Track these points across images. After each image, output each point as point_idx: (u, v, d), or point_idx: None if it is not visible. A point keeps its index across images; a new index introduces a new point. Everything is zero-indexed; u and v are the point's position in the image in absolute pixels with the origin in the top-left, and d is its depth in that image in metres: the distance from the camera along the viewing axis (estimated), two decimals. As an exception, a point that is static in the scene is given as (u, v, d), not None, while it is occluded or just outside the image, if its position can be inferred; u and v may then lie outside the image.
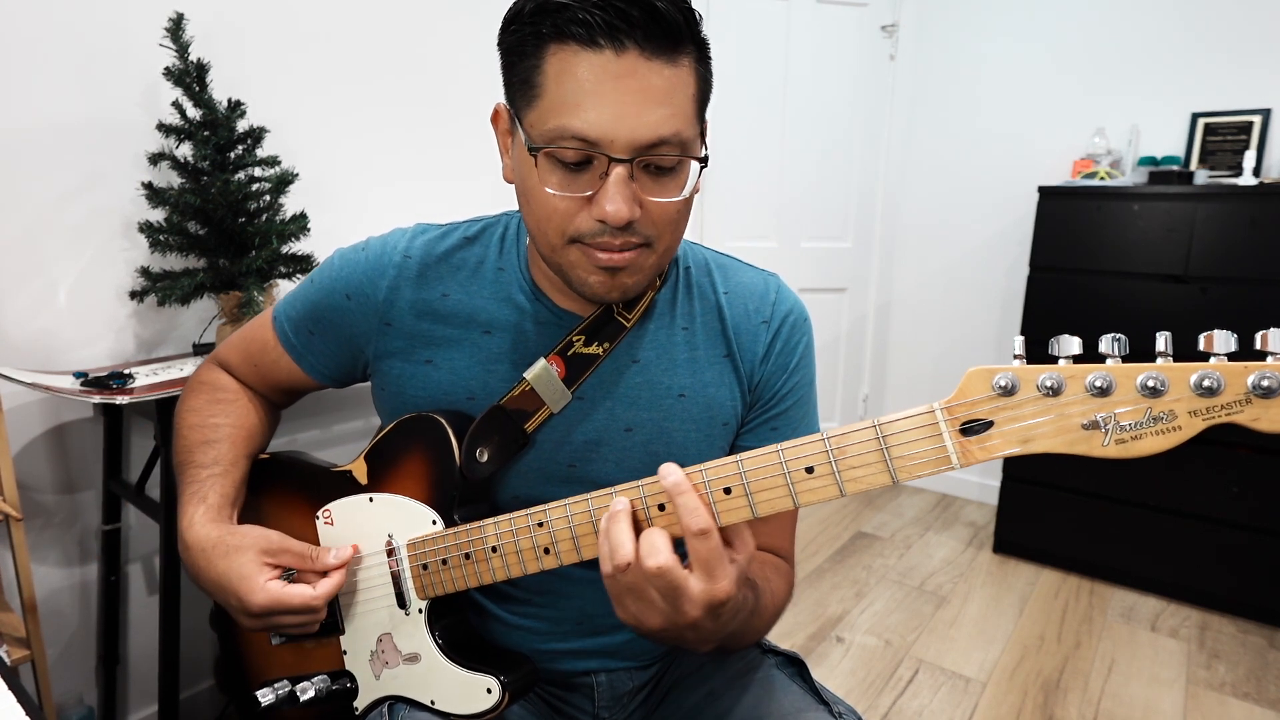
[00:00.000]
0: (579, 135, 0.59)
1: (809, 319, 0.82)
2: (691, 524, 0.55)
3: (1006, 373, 0.49)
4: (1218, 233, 1.97)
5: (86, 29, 1.29)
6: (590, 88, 0.58)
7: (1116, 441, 0.47)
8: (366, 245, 0.79)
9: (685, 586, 0.55)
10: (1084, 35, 2.43)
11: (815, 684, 0.76)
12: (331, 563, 0.73)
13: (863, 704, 1.71)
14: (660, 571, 0.54)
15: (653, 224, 0.64)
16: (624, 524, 0.57)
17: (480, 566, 0.69)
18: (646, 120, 0.59)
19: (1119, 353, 0.47)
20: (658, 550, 0.55)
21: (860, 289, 2.97)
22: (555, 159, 0.61)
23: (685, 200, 0.65)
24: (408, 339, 0.76)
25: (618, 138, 0.59)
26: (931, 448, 0.52)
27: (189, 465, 0.80)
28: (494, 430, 0.72)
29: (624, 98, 0.58)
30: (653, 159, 0.61)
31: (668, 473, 0.57)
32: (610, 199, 0.60)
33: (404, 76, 1.79)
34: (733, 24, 2.56)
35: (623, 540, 0.57)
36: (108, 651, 1.42)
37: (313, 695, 0.75)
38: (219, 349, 0.89)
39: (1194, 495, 2.08)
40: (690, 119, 0.62)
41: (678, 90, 0.61)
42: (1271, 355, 0.44)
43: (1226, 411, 0.44)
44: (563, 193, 0.62)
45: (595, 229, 0.63)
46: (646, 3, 0.57)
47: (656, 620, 0.57)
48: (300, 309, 0.80)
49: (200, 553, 0.73)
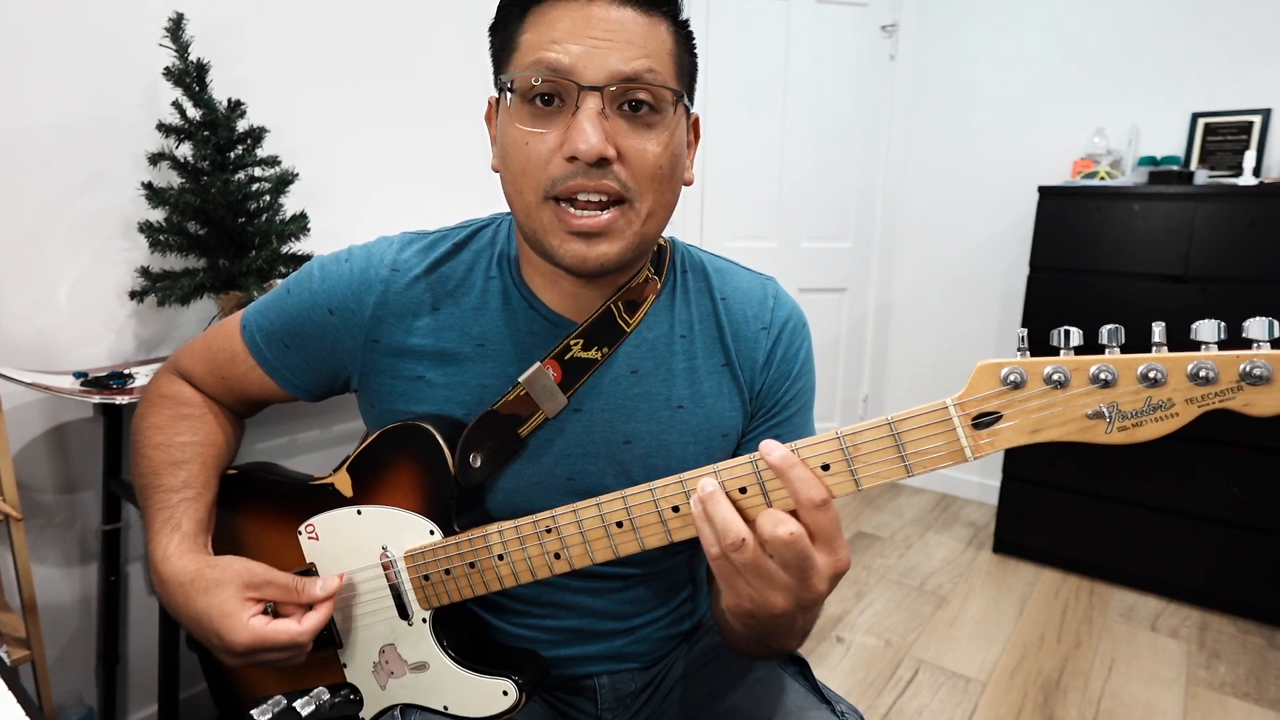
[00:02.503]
0: (550, 66, 0.60)
1: (807, 323, 0.81)
2: (813, 495, 0.53)
3: (1015, 367, 0.51)
4: (1218, 233, 1.97)
5: (86, 29, 1.29)
6: (564, 27, 0.60)
7: (1119, 429, 0.49)
8: (350, 256, 0.75)
9: (814, 557, 0.53)
10: (1084, 35, 2.43)
11: (817, 683, 0.76)
12: (319, 595, 0.70)
13: (863, 704, 1.71)
14: (793, 539, 0.52)
15: (631, 175, 0.62)
16: (724, 502, 0.55)
17: (487, 575, 0.68)
18: (620, 54, 0.60)
19: (1116, 343, 0.49)
20: (785, 520, 0.53)
21: (860, 289, 2.97)
22: (527, 97, 0.62)
23: (669, 155, 0.64)
24: (397, 355, 0.73)
25: (589, 66, 0.60)
26: (945, 442, 0.53)
27: (156, 489, 0.75)
28: (487, 435, 0.70)
29: (595, 32, 0.60)
30: (628, 92, 0.61)
31: (771, 449, 0.54)
32: (580, 131, 0.59)
33: (404, 76, 1.79)
34: (733, 24, 2.56)
35: (730, 518, 0.54)
36: (108, 651, 1.42)
37: (313, 710, 0.74)
38: (178, 358, 0.83)
39: (1194, 495, 2.08)
40: (669, 71, 0.63)
41: (652, 38, 0.62)
42: (1256, 343, 0.46)
43: (1220, 398, 0.47)
44: (534, 127, 0.62)
45: (569, 172, 0.61)
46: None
47: (781, 599, 0.55)
48: (275, 320, 0.76)
49: (178, 588, 0.69)
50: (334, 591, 0.71)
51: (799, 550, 0.52)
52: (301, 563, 0.77)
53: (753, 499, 0.57)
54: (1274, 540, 1.98)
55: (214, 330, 0.81)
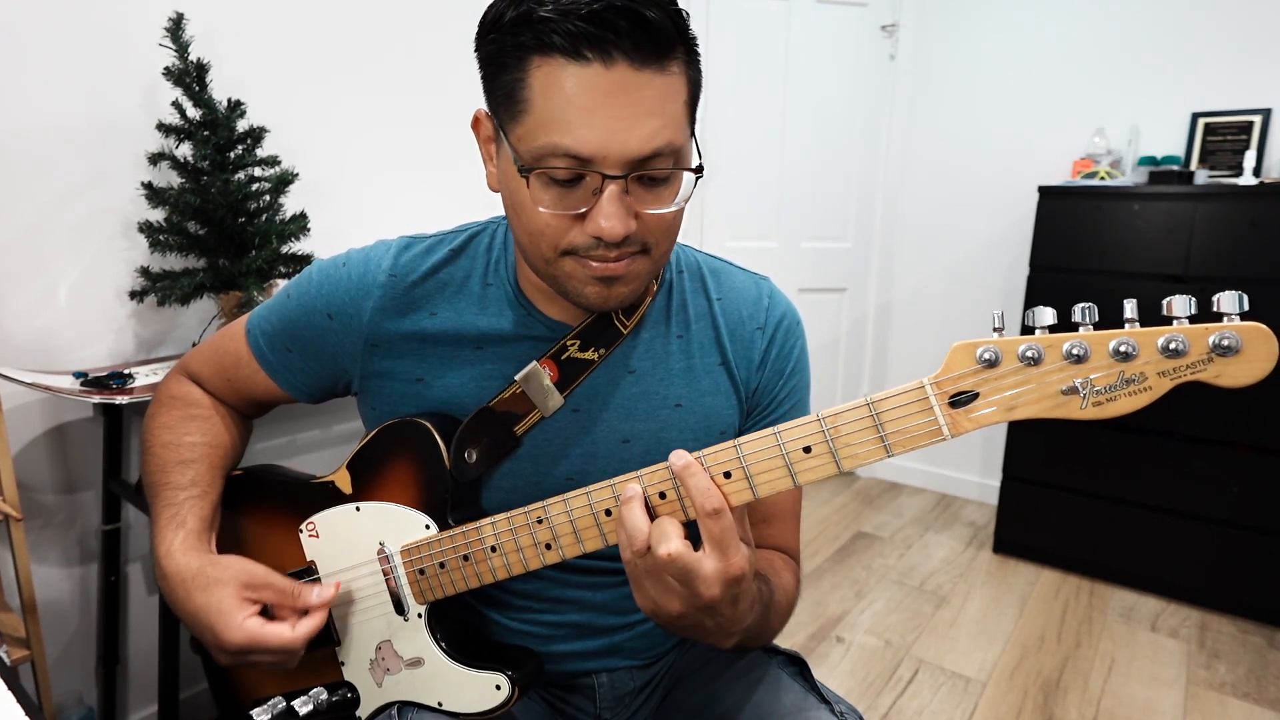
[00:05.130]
0: (570, 153, 0.57)
1: (801, 321, 0.82)
2: (706, 504, 0.55)
3: (989, 345, 0.52)
4: (1218, 233, 1.96)
5: (86, 29, 1.29)
6: (580, 103, 0.56)
7: (1094, 404, 0.50)
8: (348, 261, 0.75)
9: (699, 569, 0.55)
10: (1084, 35, 2.43)
11: (816, 683, 0.76)
12: (314, 602, 0.71)
13: (863, 704, 1.71)
14: (671, 558, 0.55)
15: (649, 232, 0.63)
16: (638, 509, 0.58)
17: (480, 567, 0.68)
18: (639, 134, 0.57)
19: (1089, 321, 0.50)
20: (668, 537, 0.55)
21: (860, 289, 2.97)
22: (547, 177, 0.59)
23: (682, 203, 0.64)
24: (396, 359, 0.74)
25: (610, 154, 0.57)
26: (923, 421, 0.54)
27: (164, 486, 0.76)
28: (482, 432, 0.71)
29: (615, 112, 0.56)
30: (647, 172, 0.59)
31: (677, 457, 0.57)
32: (606, 216, 0.59)
33: (404, 76, 1.79)
34: (733, 24, 2.56)
35: (639, 525, 0.57)
36: (108, 651, 1.42)
37: (311, 709, 0.74)
38: (187, 360, 0.85)
39: (1194, 495, 2.08)
40: (682, 126, 0.61)
41: (669, 99, 0.59)
42: (1226, 316, 0.47)
43: (1191, 370, 0.48)
44: (556, 210, 0.60)
45: (590, 244, 0.61)
46: (634, 11, 0.54)
47: (675, 605, 0.57)
48: (277, 324, 0.77)
49: (180, 583, 0.70)
50: (329, 600, 0.72)
51: (680, 566, 0.55)
52: (303, 561, 0.78)
53: (670, 504, 0.59)
54: (1274, 540, 1.98)
55: (221, 334, 0.83)
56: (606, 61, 0.55)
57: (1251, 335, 0.47)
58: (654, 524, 0.57)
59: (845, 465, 0.56)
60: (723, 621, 0.58)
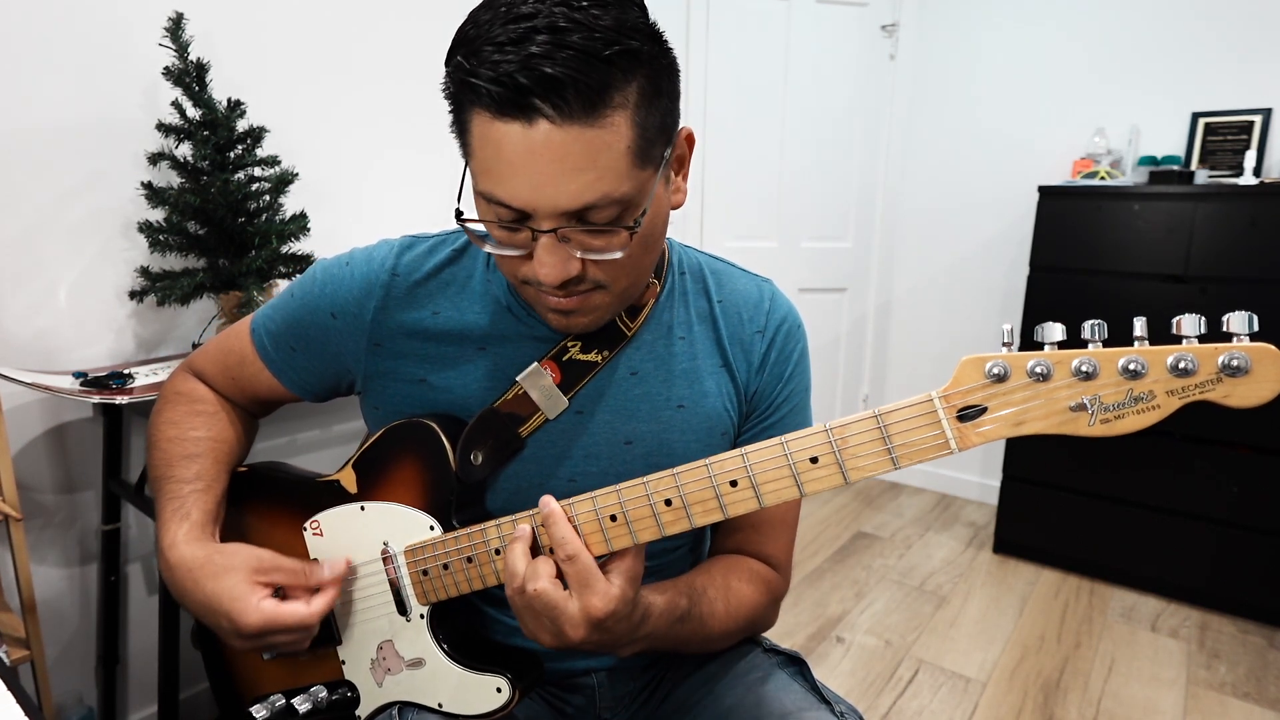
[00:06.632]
0: (503, 203, 0.58)
1: (803, 325, 0.82)
2: (560, 550, 0.60)
3: (998, 360, 0.52)
4: (1218, 233, 1.96)
5: (86, 29, 1.29)
6: (506, 158, 0.56)
7: (1101, 421, 0.50)
8: (351, 260, 0.76)
9: (563, 607, 0.59)
10: (1084, 35, 2.43)
11: (816, 683, 0.76)
12: (326, 578, 0.72)
13: (863, 704, 1.71)
14: (536, 594, 0.60)
15: (601, 272, 0.63)
16: (519, 549, 0.63)
17: (484, 569, 0.68)
18: (568, 190, 0.56)
19: (1099, 337, 0.50)
20: (538, 575, 0.60)
21: (860, 289, 2.97)
22: (494, 216, 0.61)
23: (639, 240, 0.61)
24: (399, 359, 0.74)
25: (540, 208, 0.57)
26: (931, 434, 0.54)
27: (169, 480, 0.77)
28: (488, 434, 0.71)
29: (540, 169, 0.55)
30: (584, 226, 0.59)
31: (543, 504, 0.62)
32: (540, 264, 0.60)
33: (404, 76, 1.79)
34: (733, 24, 2.56)
35: (517, 566, 0.62)
36: (108, 651, 1.42)
37: (310, 708, 0.74)
38: (193, 358, 0.86)
39: (1194, 495, 2.08)
40: (622, 175, 0.57)
41: (603, 151, 0.55)
42: (1235, 336, 0.47)
43: (1200, 390, 0.48)
44: (502, 250, 0.62)
45: (539, 282, 0.61)
46: (548, 76, 0.52)
47: (546, 637, 0.62)
48: (281, 323, 0.78)
49: (186, 573, 0.71)
50: (341, 574, 0.72)
51: (545, 602, 0.60)
52: (305, 559, 0.78)
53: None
54: (1274, 540, 1.98)
55: (226, 333, 0.84)
56: (527, 121, 0.54)
57: (1261, 356, 0.47)
58: (529, 563, 0.62)
59: (852, 477, 0.56)
60: (602, 644, 0.62)
